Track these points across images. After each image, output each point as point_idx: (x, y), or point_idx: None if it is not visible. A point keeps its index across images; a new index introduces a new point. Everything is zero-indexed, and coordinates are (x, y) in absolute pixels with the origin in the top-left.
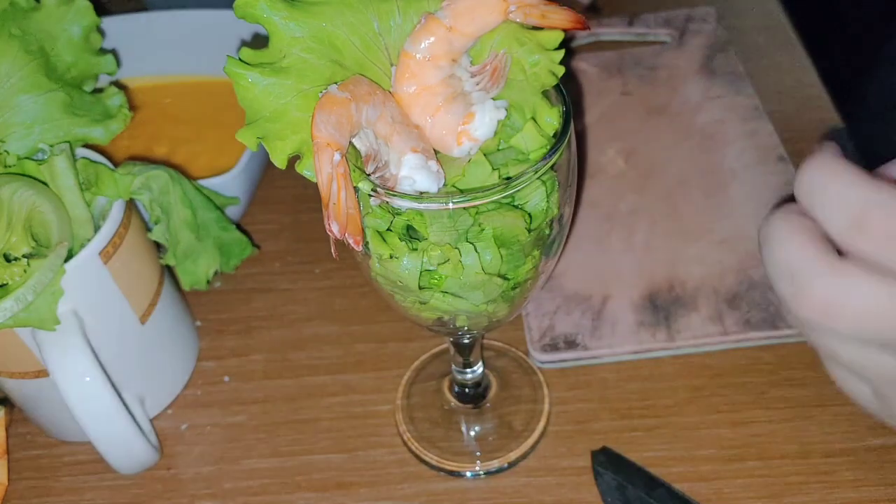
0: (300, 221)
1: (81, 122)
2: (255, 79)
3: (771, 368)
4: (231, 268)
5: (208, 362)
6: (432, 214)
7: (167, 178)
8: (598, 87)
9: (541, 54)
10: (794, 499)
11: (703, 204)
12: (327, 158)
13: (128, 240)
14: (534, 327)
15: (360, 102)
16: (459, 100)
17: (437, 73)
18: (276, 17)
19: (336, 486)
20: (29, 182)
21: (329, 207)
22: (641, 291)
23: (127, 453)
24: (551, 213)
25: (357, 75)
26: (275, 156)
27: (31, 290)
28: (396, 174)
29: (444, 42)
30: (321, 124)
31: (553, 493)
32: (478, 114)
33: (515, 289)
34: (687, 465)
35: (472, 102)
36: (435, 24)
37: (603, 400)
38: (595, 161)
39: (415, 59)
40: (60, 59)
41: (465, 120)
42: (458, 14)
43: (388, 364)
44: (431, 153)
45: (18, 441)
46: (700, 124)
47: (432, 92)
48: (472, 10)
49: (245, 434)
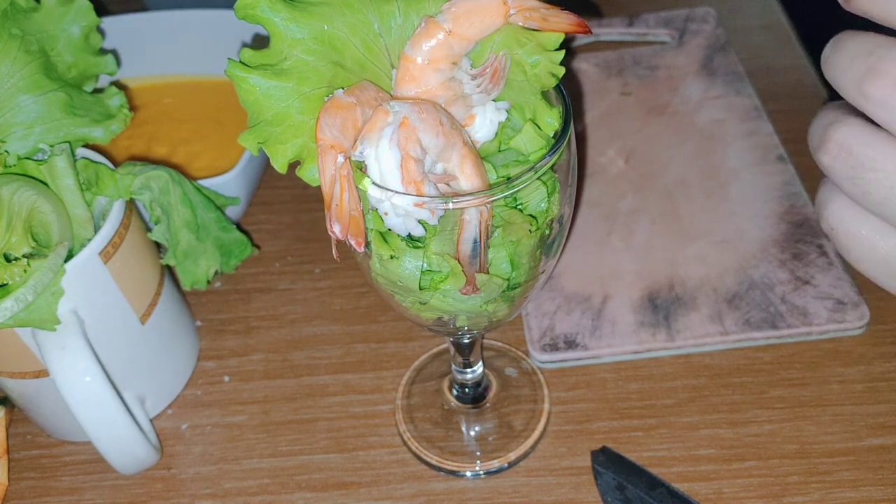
0: (300, 221)
1: (81, 122)
2: (257, 81)
3: (770, 368)
4: (231, 268)
5: (208, 362)
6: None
7: (167, 178)
8: (598, 87)
9: (541, 55)
10: (793, 499)
11: (703, 204)
12: (331, 160)
13: (128, 240)
14: (534, 327)
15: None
16: (460, 102)
17: (438, 76)
18: (277, 19)
19: (336, 485)
20: (29, 182)
21: (331, 209)
22: (641, 291)
23: (127, 453)
24: (552, 213)
25: (364, 81)
26: (275, 160)
27: (31, 290)
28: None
29: (444, 46)
30: (325, 127)
31: (553, 493)
32: (478, 116)
33: (515, 289)
34: (687, 465)
35: (473, 105)
36: (435, 27)
37: (603, 400)
38: (595, 161)
39: (415, 63)
40: (60, 59)
41: (465, 122)
42: (459, 18)
43: (388, 364)
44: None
45: (18, 441)
46: (700, 124)
47: (432, 95)
48: (472, 14)
49: (245, 434)
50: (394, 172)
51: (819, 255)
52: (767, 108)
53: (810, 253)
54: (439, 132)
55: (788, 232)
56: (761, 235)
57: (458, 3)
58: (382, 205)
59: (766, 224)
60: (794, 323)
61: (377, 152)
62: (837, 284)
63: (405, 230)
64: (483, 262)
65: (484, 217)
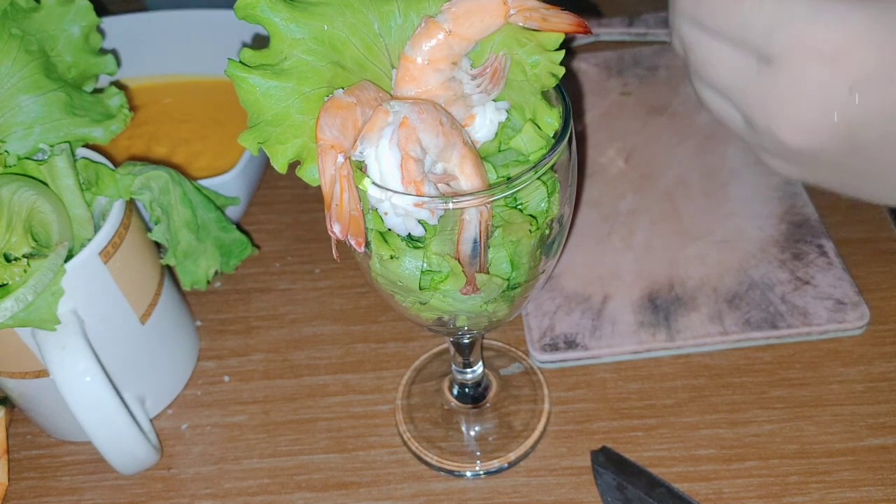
0: (300, 221)
1: (81, 122)
2: (257, 81)
3: (770, 368)
4: (231, 268)
5: (208, 362)
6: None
7: (167, 178)
8: (598, 87)
9: (541, 55)
10: (793, 499)
11: (703, 204)
12: (331, 160)
13: (128, 240)
14: (534, 327)
15: (365, 107)
16: (460, 102)
17: (438, 76)
18: (277, 19)
19: (336, 485)
20: (29, 182)
21: (332, 209)
22: (641, 291)
23: (127, 453)
24: (552, 213)
25: (364, 81)
26: (275, 160)
27: (31, 290)
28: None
29: (444, 46)
30: (325, 127)
31: (553, 493)
32: (478, 116)
33: (515, 289)
34: (687, 465)
35: (473, 105)
36: (435, 28)
37: (603, 400)
38: (595, 161)
39: (415, 63)
40: (60, 59)
41: (465, 122)
42: (459, 18)
43: (388, 364)
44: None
45: (18, 441)
46: (700, 124)
47: (433, 95)
48: (472, 14)
49: (245, 434)
50: (394, 172)
51: (819, 255)
52: None
53: (810, 253)
54: (439, 132)
55: (788, 232)
56: (761, 235)
57: (458, 3)
58: (382, 205)
59: (766, 224)
60: (794, 323)
61: (377, 152)
62: (837, 284)
63: (405, 230)
64: (483, 262)
65: (484, 217)
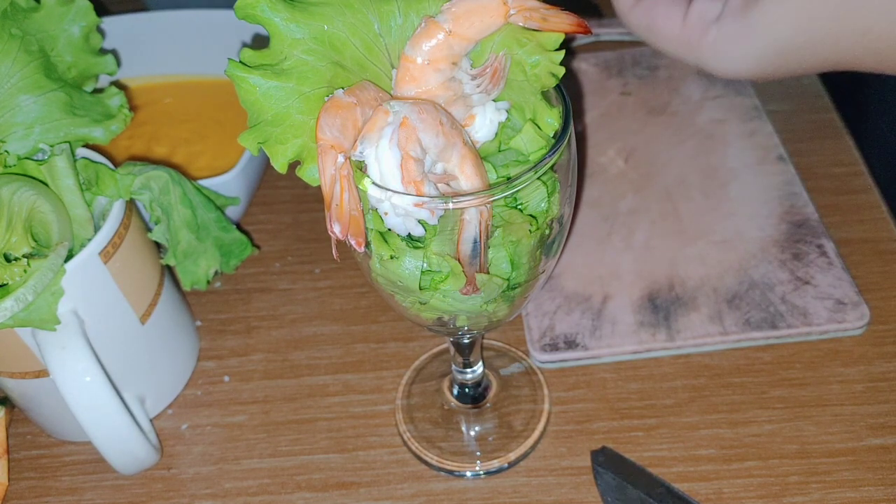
0: (300, 221)
1: (81, 122)
2: (257, 81)
3: (770, 369)
4: (231, 268)
5: (208, 362)
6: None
7: (167, 178)
8: (598, 87)
9: (541, 55)
10: (793, 499)
11: (703, 204)
12: (331, 160)
13: (128, 240)
14: (534, 327)
15: (365, 107)
16: (460, 102)
17: (438, 76)
18: (277, 19)
19: (336, 485)
20: (29, 182)
21: (332, 209)
22: (641, 291)
23: (127, 453)
24: (552, 213)
25: (364, 81)
26: (275, 160)
27: (31, 290)
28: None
29: (444, 46)
30: (325, 127)
31: (553, 493)
32: (478, 116)
33: (515, 289)
34: (687, 465)
35: (473, 105)
36: (435, 27)
37: (603, 400)
38: (595, 161)
39: (415, 63)
40: (60, 59)
41: (465, 122)
42: (459, 18)
43: (388, 364)
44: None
45: (18, 441)
46: (700, 124)
47: (433, 95)
48: (472, 14)
49: (245, 434)
50: (394, 172)
51: (819, 255)
52: (767, 108)
53: (810, 253)
54: (439, 132)
55: (788, 232)
56: (761, 235)
57: (458, 3)
58: (382, 205)
59: (766, 224)
60: (794, 323)
61: (377, 152)
62: (837, 284)
63: (405, 230)
64: (483, 262)
65: (484, 217)
